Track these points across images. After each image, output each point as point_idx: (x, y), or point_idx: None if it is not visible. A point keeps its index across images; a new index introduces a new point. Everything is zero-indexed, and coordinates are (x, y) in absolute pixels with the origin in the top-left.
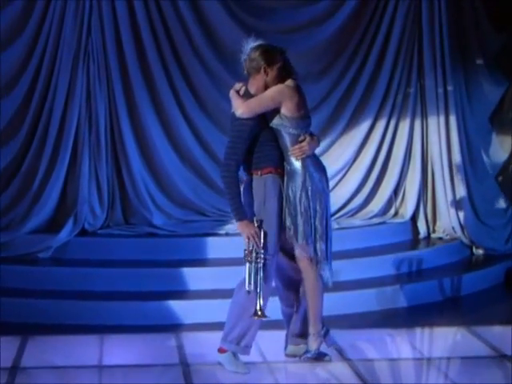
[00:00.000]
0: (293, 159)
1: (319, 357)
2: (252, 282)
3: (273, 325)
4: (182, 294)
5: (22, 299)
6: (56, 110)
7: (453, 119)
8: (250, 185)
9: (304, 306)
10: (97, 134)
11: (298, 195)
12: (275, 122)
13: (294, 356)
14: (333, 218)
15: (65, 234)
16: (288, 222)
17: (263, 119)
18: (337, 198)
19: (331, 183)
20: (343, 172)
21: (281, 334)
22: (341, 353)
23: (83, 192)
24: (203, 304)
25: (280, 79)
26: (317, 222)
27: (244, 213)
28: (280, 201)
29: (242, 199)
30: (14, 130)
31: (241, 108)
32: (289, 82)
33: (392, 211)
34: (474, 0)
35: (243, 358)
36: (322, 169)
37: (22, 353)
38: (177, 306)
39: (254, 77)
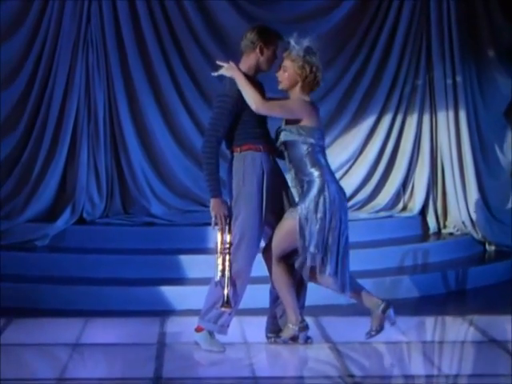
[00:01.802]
0: (311, 170)
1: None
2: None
3: (257, 311)
4: (178, 280)
5: (20, 284)
6: (55, 99)
7: (463, 112)
8: (230, 163)
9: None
10: (95, 123)
11: (313, 204)
12: (292, 132)
13: (276, 337)
14: None
15: (62, 222)
16: (306, 232)
17: (245, 100)
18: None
19: (337, 175)
20: (349, 164)
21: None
22: (325, 336)
23: (81, 181)
24: (200, 290)
25: (307, 87)
26: (329, 234)
27: (219, 190)
28: (260, 178)
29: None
30: (14, 121)
31: (260, 106)
32: (308, 98)
33: (400, 205)
34: None
35: (222, 338)
36: (338, 182)
37: (3, 332)
38: (173, 292)
39: (248, 54)
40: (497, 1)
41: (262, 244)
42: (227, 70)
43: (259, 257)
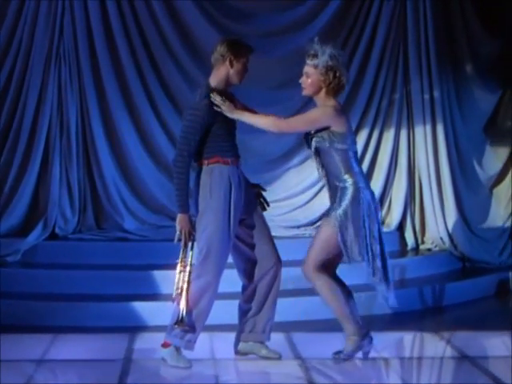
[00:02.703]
0: (344, 176)
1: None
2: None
3: (226, 327)
4: (151, 296)
5: None
6: (27, 113)
7: (440, 127)
8: (197, 175)
9: (267, 304)
10: (68, 137)
11: (349, 211)
12: (323, 138)
13: (245, 354)
14: (313, 226)
15: (33, 237)
16: (340, 239)
17: (217, 112)
18: (318, 206)
19: (313, 191)
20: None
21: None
22: (295, 352)
23: (54, 196)
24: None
25: (332, 92)
26: (371, 240)
27: (187, 206)
28: (227, 191)
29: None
30: None
31: (281, 127)
32: (333, 103)
33: None
34: (463, 3)
35: (189, 353)
36: (371, 189)
37: None
38: (146, 307)
39: (218, 68)
40: (475, 14)
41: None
42: (226, 111)
43: (229, 272)
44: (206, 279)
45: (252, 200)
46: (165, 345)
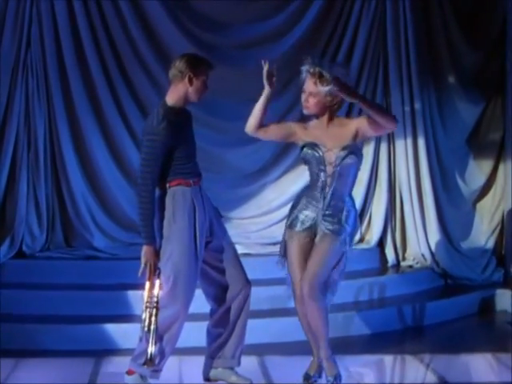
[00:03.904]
0: (348, 197)
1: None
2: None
3: (196, 350)
4: (122, 317)
5: None
6: None
7: (421, 140)
8: (159, 199)
9: (236, 328)
10: (36, 151)
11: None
12: (356, 155)
13: (215, 380)
14: None
15: None
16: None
17: (176, 133)
18: None
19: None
20: None
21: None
22: (267, 377)
23: (21, 212)
24: None
25: (336, 111)
26: None
27: (154, 237)
28: (191, 214)
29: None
30: None
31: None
32: None
33: (357, 237)
34: (445, 14)
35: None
36: None
37: None
38: (117, 329)
39: (176, 84)
40: (457, 25)
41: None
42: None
43: (198, 293)
44: (175, 309)
45: (215, 220)
46: (129, 372)
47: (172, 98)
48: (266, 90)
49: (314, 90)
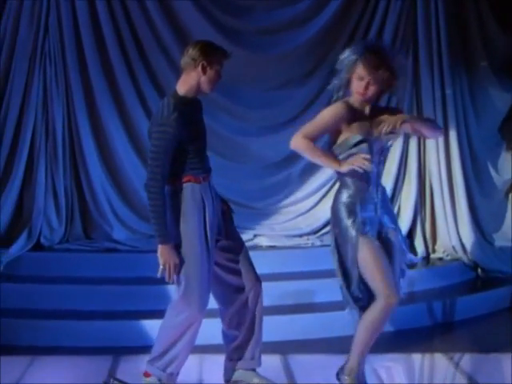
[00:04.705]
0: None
1: None
2: None
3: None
4: (142, 313)
5: None
6: (10, 116)
7: (453, 127)
8: (168, 197)
9: (252, 328)
10: (54, 141)
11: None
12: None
13: (236, 383)
14: (317, 235)
15: (16, 248)
16: None
17: (188, 125)
18: (321, 213)
19: (317, 196)
20: (329, 185)
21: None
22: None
23: (39, 204)
24: None
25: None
26: None
27: (169, 235)
28: (201, 212)
29: None
30: None
31: None
32: None
33: None
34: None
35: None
36: None
37: None
38: (136, 326)
39: (188, 73)
40: (489, 9)
41: None
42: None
43: None
44: (190, 313)
45: (223, 216)
46: (146, 374)
47: (183, 87)
48: (340, 167)
49: (374, 78)
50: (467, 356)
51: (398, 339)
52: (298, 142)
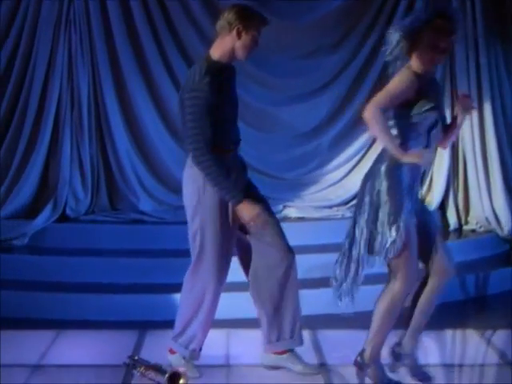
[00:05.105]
0: None
1: None
2: None
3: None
4: (168, 286)
5: None
6: (35, 85)
7: (487, 97)
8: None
9: (287, 303)
10: (79, 110)
11: None
12: None
13: (275, 368)
14: (347, 206)
15: (42, 219)
16: None
17: (220, 92)
18: (351, 184)
19: (346, 167)
20: (359, 156)
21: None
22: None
23: (64, 174)
24: None
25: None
26: None
27: (240, 192)
28: None
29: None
30: None
31: None
32: None
33: None
34: None
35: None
36: None
37: None
38: (162, 299)
39: (223, 37)
40: None
41: None
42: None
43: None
44: (204, 282)
45: (251, 185)
46: (171, 351)
47: (217, 51)
48: (401, 157)
49: (447, 47)
50: (499, 332)
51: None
52: (371, 113)
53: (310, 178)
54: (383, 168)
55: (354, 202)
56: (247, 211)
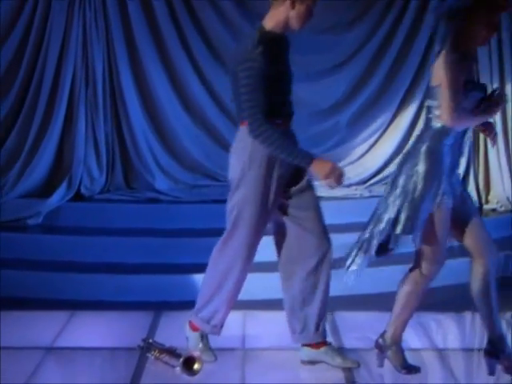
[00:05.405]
0: None
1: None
2: None
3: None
4: (184, 266)
5: (6, 270)
6: (49, 62)
7: (508, 69)
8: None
9: (316, 296)
10: (94, 87)
11: None
12: None
13: (312, 363)
14: (365, 185)
15: (56, 198)
16: None
17: (272, 63)
18: (370, 162)
19: (365, 146)
20: (378, 134)
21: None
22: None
23: (79, 153)
24: None
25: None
26: None
27: (308, 152)
28: (271, 160)
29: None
30: (7, 86)
31: None
32: None
33: None
34: None
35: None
36: None
37: None
38: (178, 280)
39: (276, 7)
40: None
41: None
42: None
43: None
44: (230, 257)
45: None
46: (192, 326)
47: (271, 21)
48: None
49: (497, 21)
50: None
51: (447, 295)
52: (454, 121)
53: (328, 157)
54: (424, 148)
55: (372, 180)
56: (321, 169)
